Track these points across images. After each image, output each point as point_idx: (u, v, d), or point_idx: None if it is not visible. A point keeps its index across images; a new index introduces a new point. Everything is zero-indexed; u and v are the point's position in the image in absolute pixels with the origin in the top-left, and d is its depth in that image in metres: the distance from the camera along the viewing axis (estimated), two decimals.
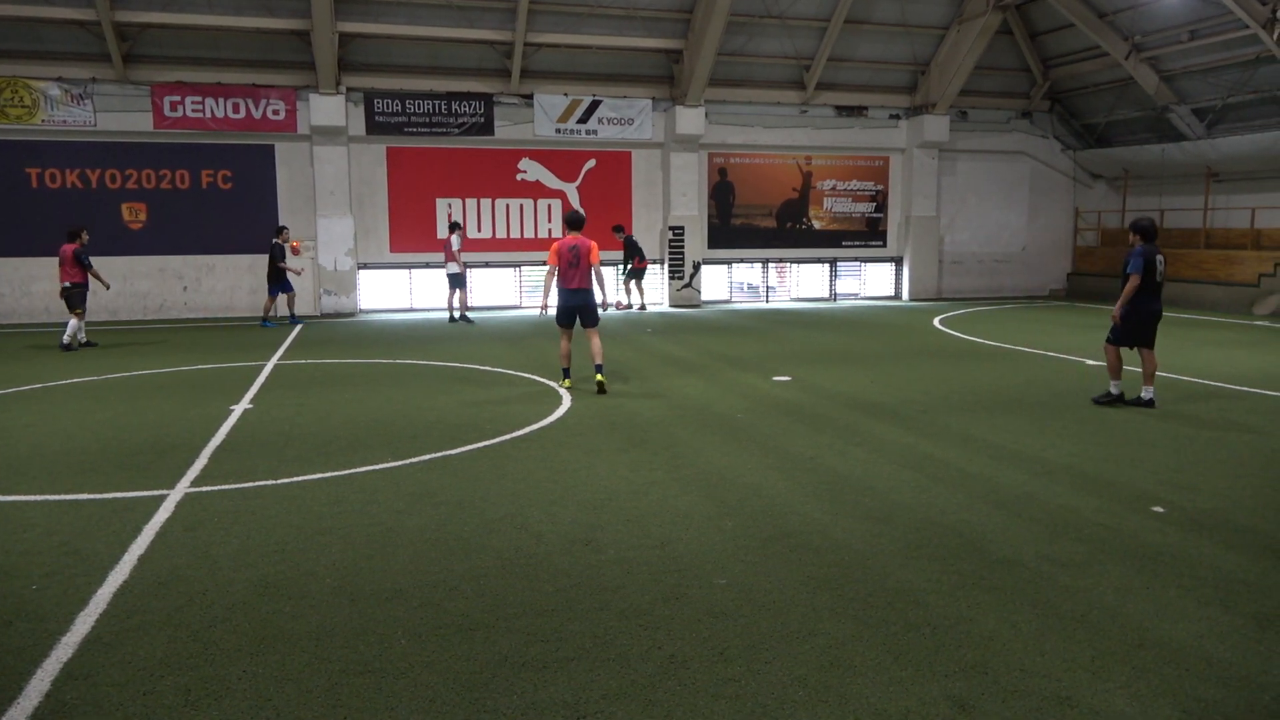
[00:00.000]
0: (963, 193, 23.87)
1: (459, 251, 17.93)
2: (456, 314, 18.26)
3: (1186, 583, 4.70)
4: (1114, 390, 9.40)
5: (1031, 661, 3.87)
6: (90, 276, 14.06)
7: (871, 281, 23.91)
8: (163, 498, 6.22)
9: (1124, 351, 9.46)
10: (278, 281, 17.53)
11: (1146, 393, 9.27)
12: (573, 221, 10.10)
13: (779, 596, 4.56)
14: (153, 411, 9.19)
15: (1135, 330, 9.20)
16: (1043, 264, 24.80)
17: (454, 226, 18.19)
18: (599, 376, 10.08)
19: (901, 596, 4.54)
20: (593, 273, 9.98)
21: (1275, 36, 17.29)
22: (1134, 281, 9.03)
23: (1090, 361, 12.28)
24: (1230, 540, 5.34)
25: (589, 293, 10.03)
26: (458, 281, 18.01)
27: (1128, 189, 23.77)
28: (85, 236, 14.25)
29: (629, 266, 20.52)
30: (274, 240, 17.53)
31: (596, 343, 10.20)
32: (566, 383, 10.39)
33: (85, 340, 14.22)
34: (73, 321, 13.83)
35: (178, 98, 18.36)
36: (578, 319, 10.12)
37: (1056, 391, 10.15)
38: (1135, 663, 3.86)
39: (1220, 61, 19.40)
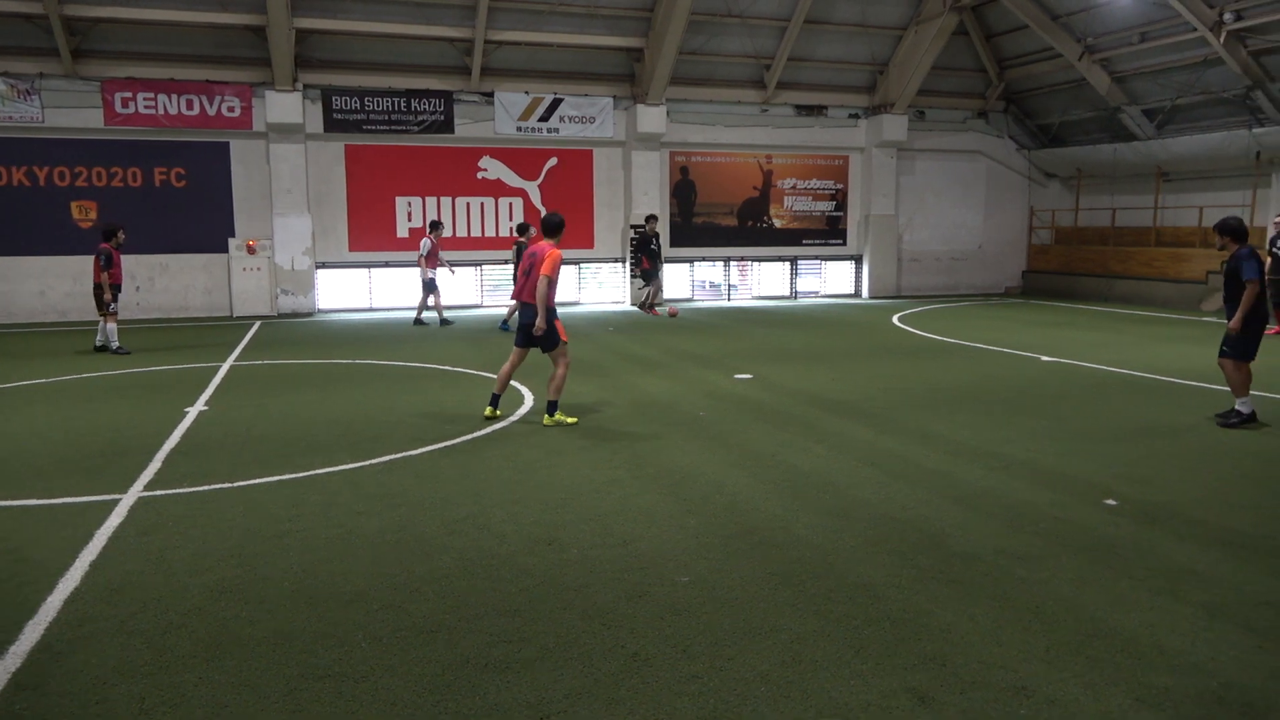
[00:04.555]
0: (921, 192, 24.16)
1: (425, 257, 16.98)
2: (430, 316, 17.49)
3: (1139, 574, 4.80)
4: (1244, 409, 8.23)
5: (989, 653, 3.93)
6: (110, 276, 13.15)
7: (832, 279, 24.10)
8: (115, 502, 6.09)
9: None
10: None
11: (1245, 406, 8.26)
12: (544, 225, 8.47)
13: (741, 593, 4.58)
14: (105, 414, 9.00)
15: (1254, 340, 8.18)
16: (999, 262, 25.18)
17: (433, 226, 17.35)
18: (545, 417, 8.46)
19: (862, 591, 4.59)
20: (540, 285, 8.18)
21: (1222, 39, 17.72)
22: (1254, 289, 7.98)
23: (1045, 358, 12.50)
24: (1181, 532, 5.46)
25: (530, 308, 8.40)
26: (428, 287, 17.20)
27: (1081, 188, 24.21)
28: (121, 235, 13.46)
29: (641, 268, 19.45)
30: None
31: (557, 371, 8.52)
32: (489, 410, 8.63)
33: (99, 343, 13.49)
34: (103, 324, 13.33)
35: (129, 94, 17.98)
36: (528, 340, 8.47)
37: (1013, 387, 10.31)
38: (1089, 652, 3.93)
39: (1170, 63, 19.83)
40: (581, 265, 21.73)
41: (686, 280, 23.00)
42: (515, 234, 17.49)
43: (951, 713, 3.46)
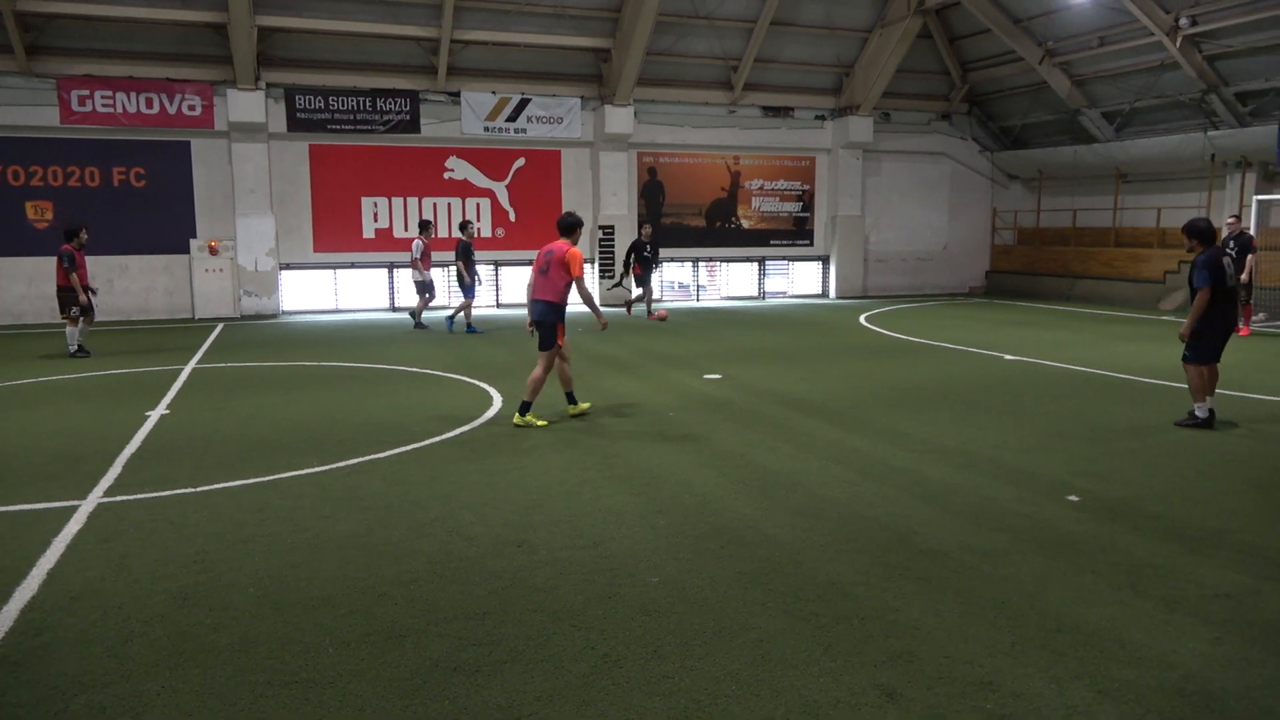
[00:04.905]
0: (886, 193, 24.38)
1: (419, 259, 16.39)
2: (416, 318, 16.79)
3: (1101, 568, 4.88)
4: (1200, 413, 8.25)
5: (955, 648, 3.97)
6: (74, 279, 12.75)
7: (799, 280, 24.25)
8: (74, 509, 5.97)
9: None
10: (465, 284, 16.08)
11: (1201, 410, 8.25)
12: (560, 225, 8.47)
13: (711, 593, 4.59)
14: (63, 419, 8.82)
15: (1218, 343, 8.17)
16: (963, 262, 25.48)
17: (423, 226, 16.84)
18: (516, 417, 8.43)
19: (831, 589, 4.62)
20: (582, 289, 8.36)
21: (1178, 44, 18.08)
22: (1204, 296, 7.99)
23: (1008, 356, 12.67)
24: (1141, 527, 5.56)
25: (545, 306, 8.34)
26: (424, 288, 16.64)
27: (1042, 189, 24.58)
28: (84, 235, 13.01)
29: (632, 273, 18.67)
30: (459, 238, 16.18)
31: (537, 372, 8.48)
32: (531, 418, 8.47)
33: (75, 348, 13.02)
34: (69, 328, 12.99)
35: (86, 92, 17.66)
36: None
37: (978, 386, 10.44)
38: (1053, 646, 3.99)
39: (1128, 67, 20.20)
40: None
41: (655, 281, 22.98)
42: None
43: (919, 708, 3.49)
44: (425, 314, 17.05)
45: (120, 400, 9.76)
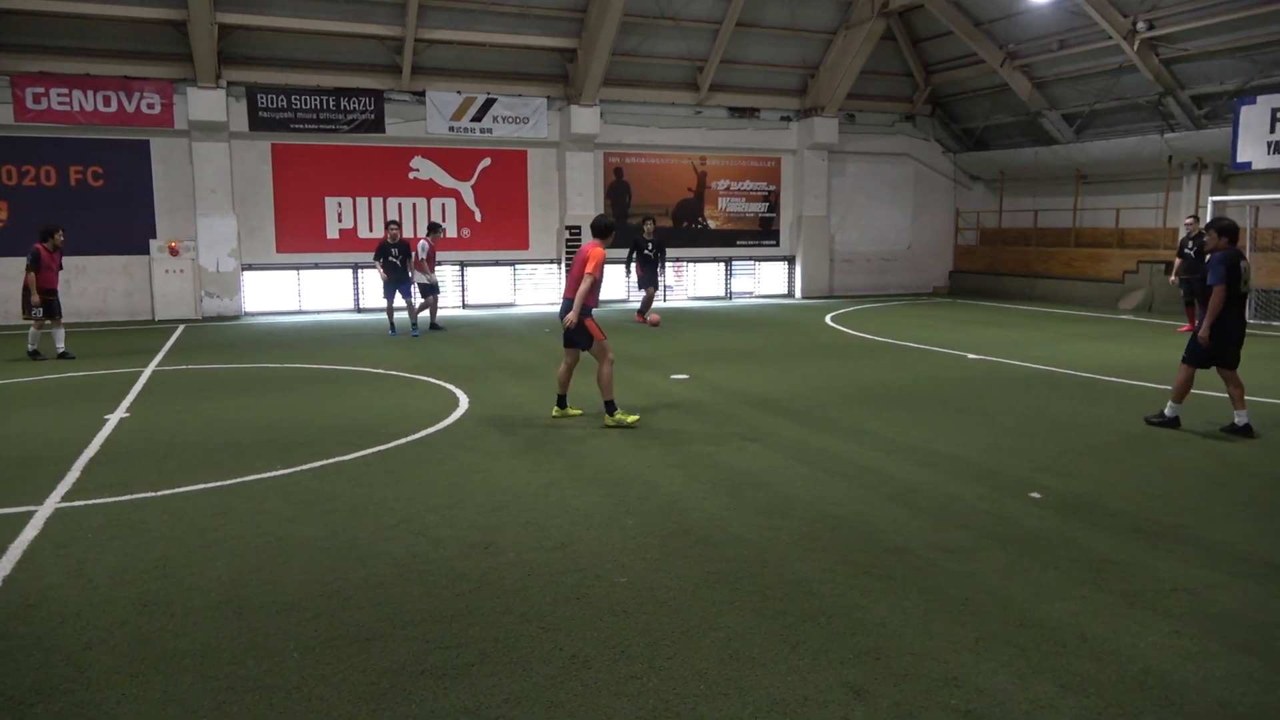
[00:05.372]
0: (852, 193, 24.59)
1: (424, 260, 15.93)
2: (416, 318, 16.02)
3: (1063, 564, 4.96)
4: (1169, 413, 8.17)
5: (921, 645, 4.01)
6: (38, 280, 12.38)
7: (766, 280, 24.37)
8: (30, 514, 5.85)
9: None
10: (403, 283, 15.70)
11: (1241, 418, 7.91)
12: (593, 227, 8.51)
13: (679, 593, 4.60)
14: (19, 423, 8.63)
15: (1219, 348, 7.85)
16: (927, 262, 25.76)
17: (432, 228, 16.42)
18: (606, 418, 8.41)
19: (798, 588, 4.65)
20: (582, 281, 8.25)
21: (1135, 47, 18.41)
22: (1219, 295, 7.69)
23: (971, 355, 12.83)
24: (1101, 523, 5.65)
25: (568, 304, 8.40)
26: (428, 290, 16.19)
27: (1004, 190, 24.91)
28: (59, 237, 12.66)
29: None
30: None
31: (601, 370, 8.42)
32: (556, 411, 8.74)
33: (33, 349, 12.76)
34: (32, 329, 12.68)
35: (41, 89, 17.29)
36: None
37: (941, 384, 10.56)
38: (1017, 642, 4.04)
39: (1087, 70, 20.54)
40: (516, 266, 21.61)
41: (621, 282, 22.99)
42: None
43: (885, 705, 3.52)
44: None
45: (78, 403, 9.57)
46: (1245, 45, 17.34)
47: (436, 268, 16.67)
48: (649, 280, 17.28)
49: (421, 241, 16.17)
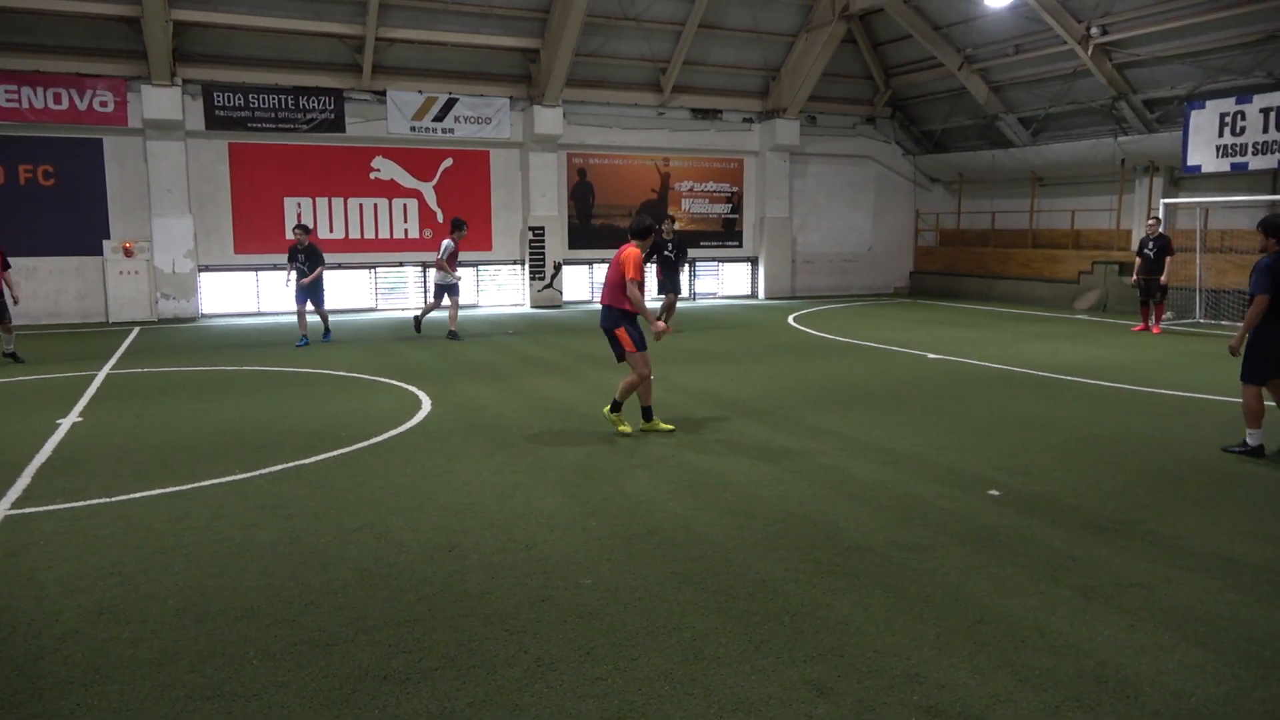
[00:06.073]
0: (813, 195, 24.78)
1: (447, 259, 14.86)
2: (436, 318, 15.38)
3: (1021, 560, 5.04)
4: (1251, 441, 7.23)
5: (883, 642, 4.06)
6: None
7: (729, 281, 24.48)
8: None
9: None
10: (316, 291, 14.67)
11: (1253, 437, 7.24)
12: (631, 229, 8.19)
13: (644, 593, 4.60)
14: None
15: (1268, 360, 7.11)
16: (887, 263, 26.04)
17: (456, 225, 15.10)
18: (609, 413, 8.26)
19: (762, 587, 4.67)
20: (628, 290, 7.92)
21: (1089, 52, 18.77)
22: (1259, 304, 6.96)
23: (931, 355, 12.98)
24: (1058, 519, 5.75)
25: (608, 312, 8.18)
26: (445, 291, 15.24)
27: (962, 192, 25.27)
28: None
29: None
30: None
31: (628, 378, 8.19)
32: (657, 421, 8.33)
33: (8, 350, 12.47)
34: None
35: None
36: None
37: (902, 384, 10.68)
38: (977, 637, 4.10)
39: (1042, 74, 20.89)
40: (479, 267, 21.49)
41: (585, 283, 23.00)
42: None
43: (849, 702, 3.56)
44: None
45: (29, 408, 9.36)
46: (1195, 51, 17.76)
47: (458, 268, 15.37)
48: (671, 285, 15.73)
49: (446, 240, 14.95)
